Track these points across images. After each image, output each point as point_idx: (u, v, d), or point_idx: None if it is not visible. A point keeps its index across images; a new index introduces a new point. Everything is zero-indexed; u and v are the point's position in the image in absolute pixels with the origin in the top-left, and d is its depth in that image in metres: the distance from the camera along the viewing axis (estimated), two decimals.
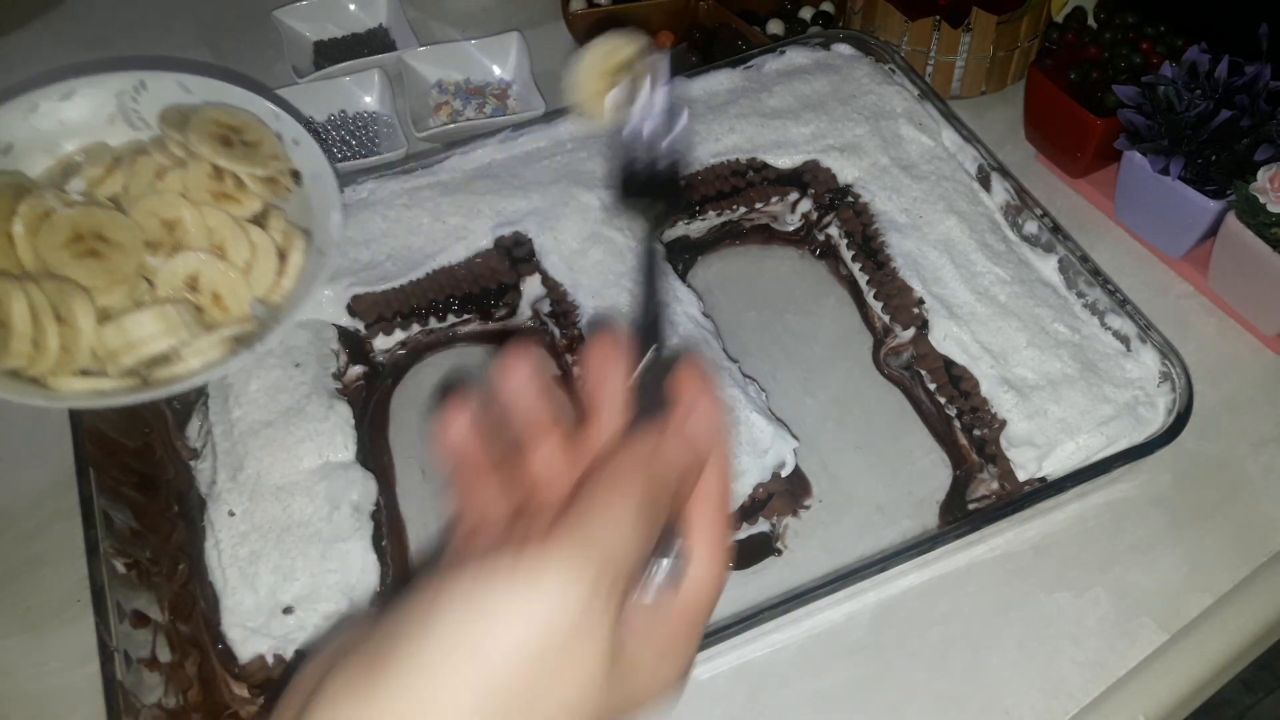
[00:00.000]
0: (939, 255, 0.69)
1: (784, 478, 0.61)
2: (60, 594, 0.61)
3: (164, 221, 0.61)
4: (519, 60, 0.90)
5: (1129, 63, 0.79)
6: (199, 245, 0.62)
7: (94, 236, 0.59)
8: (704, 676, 0.57)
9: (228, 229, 0.62)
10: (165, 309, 0.58)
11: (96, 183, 0.62)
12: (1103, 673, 0.58)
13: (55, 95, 0.63)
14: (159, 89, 0.65)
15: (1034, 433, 0.61)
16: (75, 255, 0.58)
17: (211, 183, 0.63)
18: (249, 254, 0.62)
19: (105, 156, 0.63)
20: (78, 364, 0.57)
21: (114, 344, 0.57)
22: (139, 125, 0.66)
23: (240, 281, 0.62)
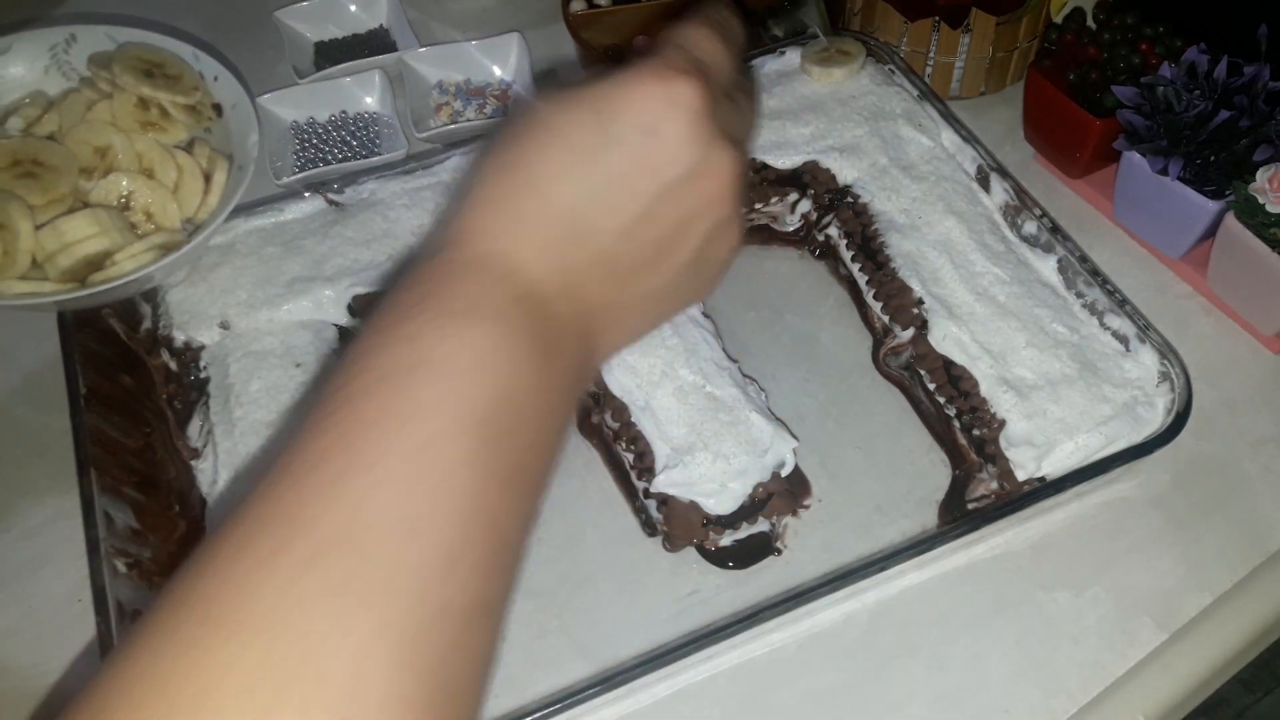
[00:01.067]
0: (938, 255, 0.69)
1: (783, 477, 0.61)
2: (61, 594, 0.61)
3: (96, 148, 0.67)
4: (519, 61, 0.90)
5: (1128, 63, 0.79)
6: (130, 168, 0.67)
7: (31, 161, 0.64)
8: (703, 676, 0.58)
9: (155, 152, 0.68)
10: (97, 211, 0.63)
11: (33, 122, 0.68)
12: (1102, 672, 0.58)
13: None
14: (88, 40, 0.72)
15: (1033, 432, 0.61)
16: (14, 177, 0.63)
17: (138, 112, 0.68)
18: (176, 175, 0.68)
19: (41, 100, 0.70)
20: (18, 268, 0.62)
21: (51, 246, 0.62)
22: (72, 76, 0.72)
23: (169, 199, 0.67)
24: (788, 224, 0.78)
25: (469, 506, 0.32)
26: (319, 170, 0.82)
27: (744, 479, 0.59)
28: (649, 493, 0.61)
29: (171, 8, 1.02)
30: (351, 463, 0.31)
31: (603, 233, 0.38)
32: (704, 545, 0.61)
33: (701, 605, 0.60)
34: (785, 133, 0.76)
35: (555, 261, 0.38)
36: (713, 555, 0.62)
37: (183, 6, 1.02)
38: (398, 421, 0.32)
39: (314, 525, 0.30)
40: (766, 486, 0.60)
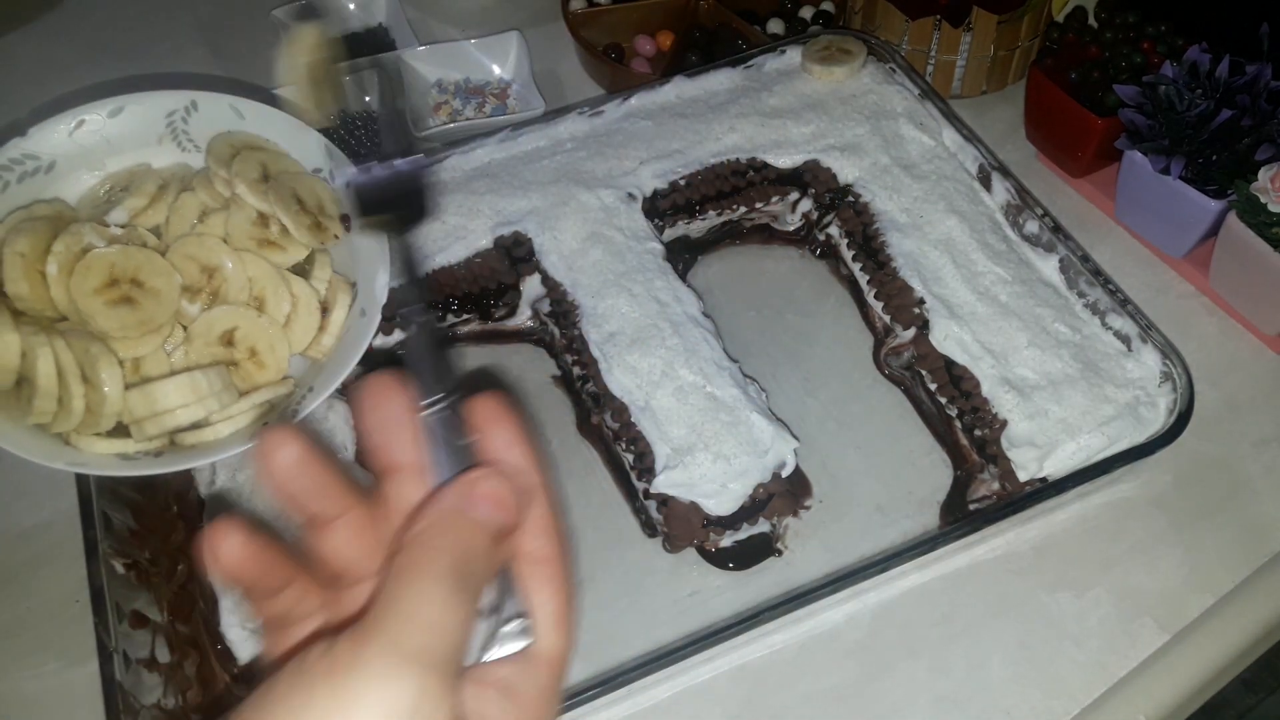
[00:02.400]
0: (939, 255, 0.69)
1: (784, 478, 0.61)
2: (60, 594, 0.61)
3: (203, 267, 0.59)
4: (519, 60, 0.90)
5: (1130, 62, 0.79)
6: (238, 296, 0.59)
7: (129, 281, 0.56)
8: (704, 677, 0.57)
9: (269, 280, 0.59)
10: (195, 377, 0.55)
11: (138, 213, 0.60)
12: (1103, 673, 0.57)
13: (103, 111, 0.61)
14: (210, 111, 0.63)
15: (1035, 433, 0.61)
16: (109, 302, 0.56)
17: (255, 229, 0.60)
18: (290, 307, 0.60)
19: (149, 184, 0.60)
20: (102, 427, 0.55)
21: (140, 411, 0.55)
22: (188, 147, 0.63)
23: (279, 336, 0.59)
24: (788, 223, 0.78)
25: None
26: None
27: (744, 480, 0.59)
28: (649, 493, 0.60)
29: (171, 7, 1.02)
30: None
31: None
32: (704, 546, 0.61)
33: (702, 606, 0.60)
34: (786, 131, 0.76)
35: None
36: (713, 556, 0.61)
37: (182, 6, 1.02)
38: None
39: None
40: (767, 487, 0.60)
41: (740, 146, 0.76)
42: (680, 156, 0.75)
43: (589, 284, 0.67)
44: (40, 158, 0.60)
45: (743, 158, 0.75)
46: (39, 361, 0.53)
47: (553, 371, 0.71)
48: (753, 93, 0.79)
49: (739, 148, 0.75)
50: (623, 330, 0.65)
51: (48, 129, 0.60)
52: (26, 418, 0.53)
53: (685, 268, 0.76)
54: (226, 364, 0.58)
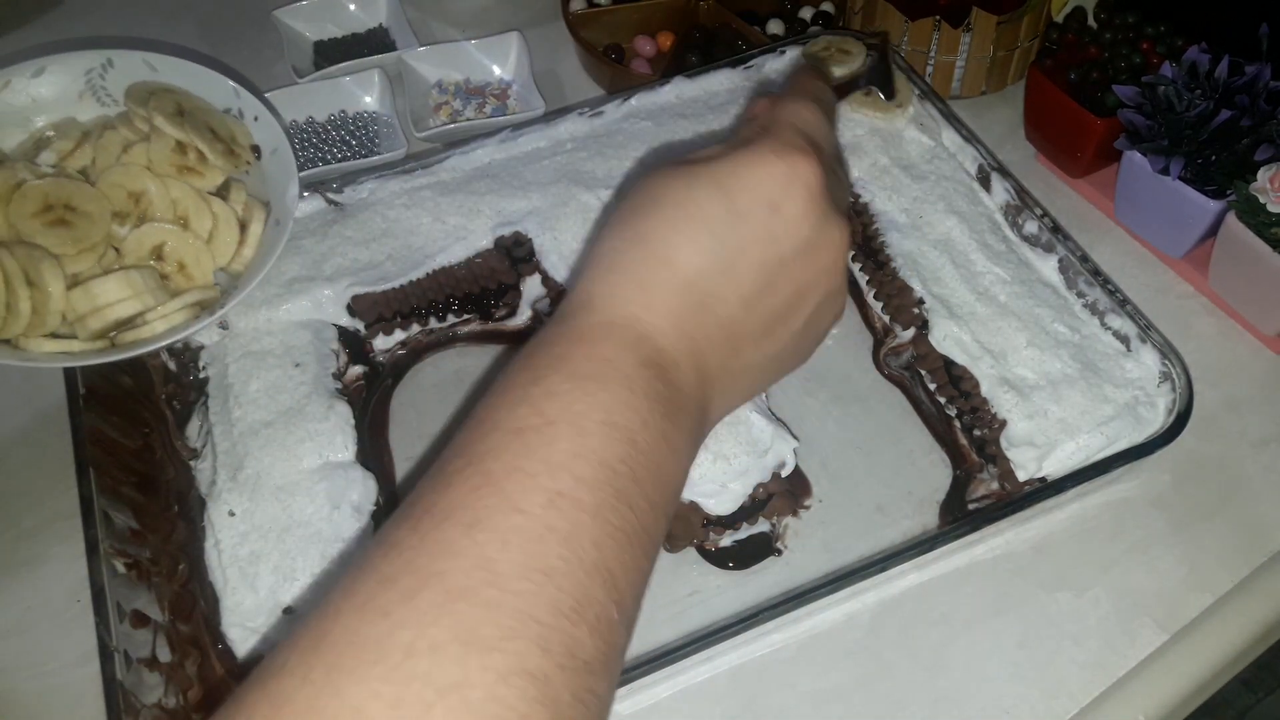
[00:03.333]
0: (939, 255, 0.69)
1: (784, 478, 0.61)
2: (60, 594, 0.61)
3: (130, 193, 0.65)
4: (519, 60, 0.90)
5: (1129, 62, 0.79)
6: (164, 216, 0.65)
7: (63, 206, 0.62)
8: (703, 677, 0.57)
9: (191, 200, 0.65)
10: (130, 274, 0.61)
11: (66, 155, 0.65)
12: (1102, 673, 0.58)
13: (28, 72, 0.67)
14: (125, 66, 0.69)
15: (1034, 433, 0.61)
16: (46, 224, 0.61)
17: (175, 156, 0.66)
18: (211, 224, 0.66)
19: (75, 131, 0.67)
20: (48, 327, 0.60)
21: (82, 308, 0.60)
22: (107, 102, 0.69)
23: (203, 250, 0.65)
24: None
25: (593, 561, 0.32)
26: (318, 170, 0.82)
27: (744, 479, 0.59)
28: None
29: (171, 7, 1.02)
30: (481, 516, 0.32)
31: (726, 302, 0.40)
32: (704, 546, 0.61)
33: (701, 606, 0.60)
34: None
35: (681, 328, 0.39)
36: (713, 556, 0.61)
37: (182, 6, 1.02)
38: (528, 477, 0.33)
39: (444, 576, 0.30)
40: (767, 487, 0.60)
41: None
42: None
43: None
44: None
45: None
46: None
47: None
48: (753, 93, 0.79)
49: None
50: None
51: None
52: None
53: None
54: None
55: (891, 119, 0.77)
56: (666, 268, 0.39)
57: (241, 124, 0.69)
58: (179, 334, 0.61)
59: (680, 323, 0.39)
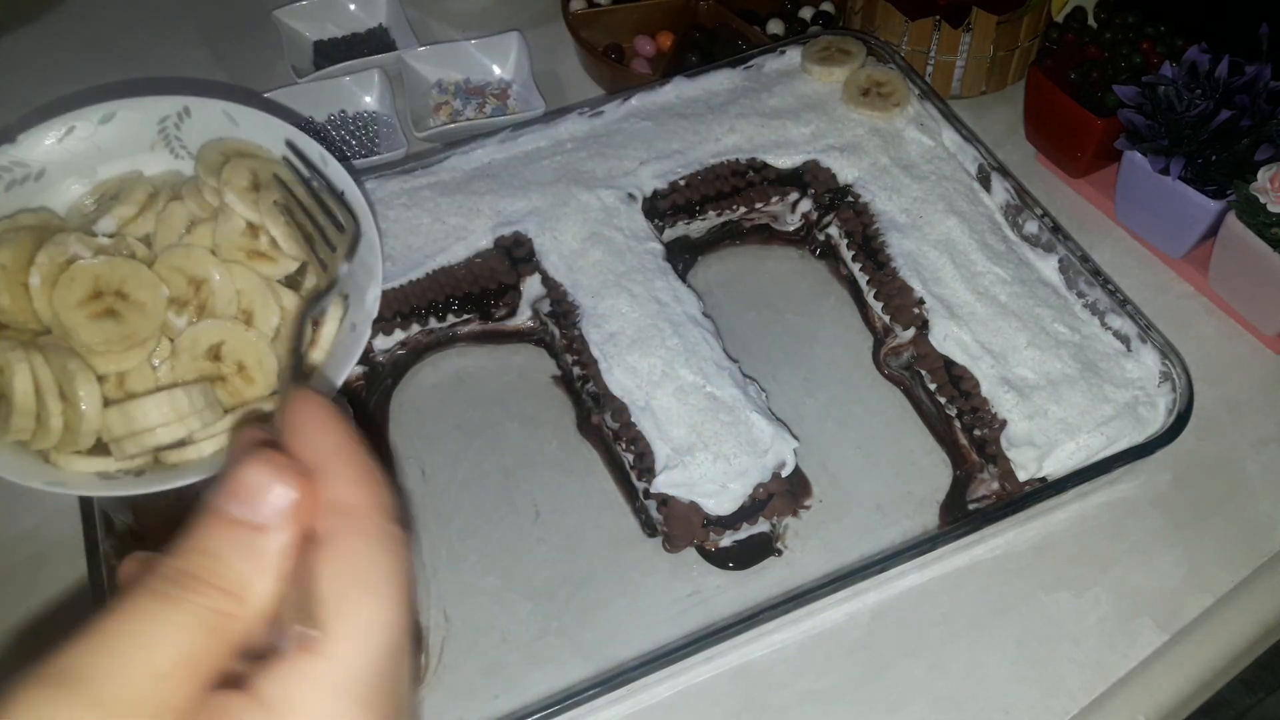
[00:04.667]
0: (939, 255, 0.69)
1: (784, 478, 0.61)
2: (60, 594, 0.61)
3: (190, 279, 0.57)
4: (519, 60, 0.90)
5: (1129, 62, 0.79)
6: (226, 309, 0.57)
7: (115, 294, 0.55)
8: (704, 677, 0.57)
9: (257, 292, 0.58)
10: (175, 394, 0.53)
11: (127, 221, 0.58)
12: (1102, 673, 0.58)
13: (94, 117, 0.59)
14: (203, 117, 0.60)
15: (1034, 433, 0.61)
16: (92, 315, 0.54)
17: (244, 240, 0.58)
18: (279, 320, 0.58)
19: (139, 193, 0.59)
20: (80, 445, 0.53)
21: (118, 430, 0.53)
22: (181, 154, 0.62)
23: (267, 351, 0.57)
24: (788, 223, 0.78)
25: None
26: None
27: (744, 479, 0.59)
28: (649, 493, 0.60)
29: (171, 7, 1.02)
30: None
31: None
32: (704, 546, 0.61)
33: (702, 606, 0.60)
34: (785, 132, 0.76)
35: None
36: (713, 556, 0.61)
37: (182, 6, 1.02)
38: None
39: None
40: (767, 487, 0.60)
41: (740, 147, 0.76)
42: (680, 157, 0.75)
43: (589, 284, 0.68)
44: (29, 165, 0.58)
45: (742, 158, 0.75)
46: (15, 379, 0.51)
47: (553, 371, 0.71)
48: (752, 93, 0.79)
49: (739, 148, 0.76)
50: (623, 330, 0.65)
51: (37, 135, 0.58)
52: (4, 435, 0.52)
53: (685, 268, 0.76)
54: (214, 379, 0.57)
55: (891, 119, 0.77)
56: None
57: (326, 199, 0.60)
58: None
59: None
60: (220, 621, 0.25)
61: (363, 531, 0.27)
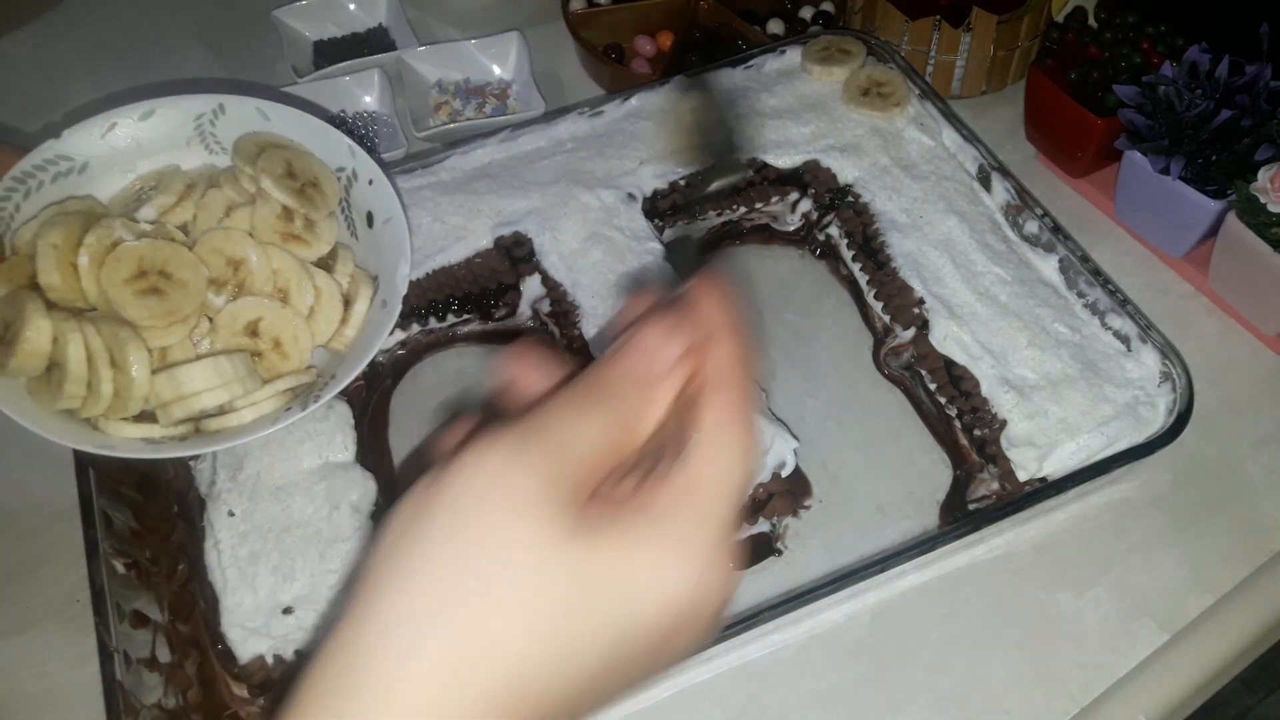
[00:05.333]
0: (939, 255, 0.69)
1: (784, 478, 0.61)
2: (60, 594, 0.61)
3: (229, 260, 0.60)
4: (519, 60, 0.90)
5: (1129, 62, 0.79)
6: (263, 288, 0.60)
7: (158, 273, 0.58)
8: (703, 677, 0.57)
9: (293, 273, 0.61)
10: (219, 361, 0.57)
11: (166, 210, 0.62)
12: (1103, 673, 0.57)
13: (134, 115, 0.63)
14: (237, 114, 0.65)
15: (1034, 433, 0.61)
16: (138, 292, 0.57)
17: (280, 223, 0.62)
18: (313, 299, 0.61)
19: (178, 183, 0.63)
20: (129, 411, 0.56)
21: (166, 395, 0.56)
22: (216, 150, 0.66)
23: (303, 328, 0.61)
24: (788, 223, 0.78)
25: None
26: None
27: None
28: None
29: (172, 7, 1.02)
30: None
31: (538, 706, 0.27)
32: None
33: None
34: (786, 132, 0.76)
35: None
36: None
37: (183, 6, 1.02)
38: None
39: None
40: (767, 487, 0.60)
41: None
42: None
43: (589, 284, 0.67)
44: (73, 159, 0.62)
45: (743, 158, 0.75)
46: (69, 346, 0.55)
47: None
48: (752, 93, 0.79)
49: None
50: None
51: (81, 131, 0.62)
52: (56, 402, 0.55)
53: None
54: (251, 354, 0.60)
55: (891, 119, 0.77)
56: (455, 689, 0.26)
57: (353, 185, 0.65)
58: (268, 426, 0.56)
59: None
60: (620, 440, 0.30)
61: (740, 396, 0.31)
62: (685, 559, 0.29)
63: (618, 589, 0.28)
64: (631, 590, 0.28)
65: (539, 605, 0.27)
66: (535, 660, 0.27)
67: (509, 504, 0.27)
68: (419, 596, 0.26)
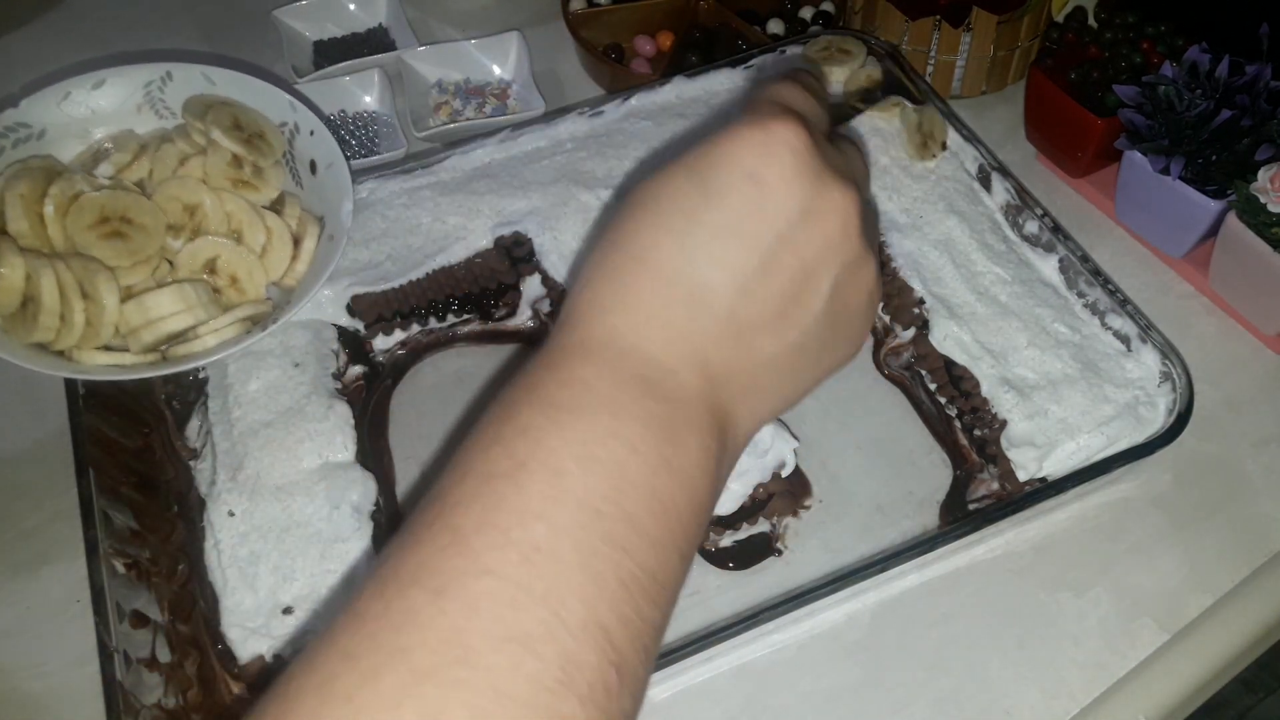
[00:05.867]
0: (939, 255, 0.69)
1: (784, 478, 0.61)
2: (60, 594, 0.61)
3: (185, 206, 0.65)
4: (519, 60, 0.90)
5: (1129, 62, 0.79)
6: (218, 230, 0.65)
7: (119, 219, 0.62)
8: (703, 677, 0.57)
9: (245, 214, 0.65)
10: (184, 288, 0.61)
11: (123, 167, 0.66)
12: (1103, 673, 0.57)
13: (87, 84, 0.68)
14: (184, 79, 0.69)
15: (1034, 433, 0.61)
16: (101, 236, 0.61)
17: (231, 170, 0.66)
18: (265, 239, 0.66)
19: (132, 143, 0.67)
20: (101, 339, 0.60)
21: (135, 321, 0.60)
22: (165, 115, 0.70)
23: (256, 265, 0.65)
24: None
25: (580, 621, 0.29)
26: None
27: (744, 479, 0.59)
28: None
29: (171, 7, 1.02)
30: (448, 581, 0.29)
31: (719, 292, 0.35)
32: (704, 545, 0.61)
33: (701, 606, 0.60)
34: None
35: (672, 330, 0.35)
36: (713, 555, 0.61)
37: (182, 5, 1.02)
38: (498, 531, 0.29)
39: (409, 653, 0.27)
40: (767, 487, 0.60)
41: None
42: None
43: None
44: (32, 126, 0.67)
45: None
46: (43, 280, 0.58)
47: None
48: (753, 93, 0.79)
49: None
50: None
51: (38, 100, 0.67)
52: (31, 334, 0.59)
53: None
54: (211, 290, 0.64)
55: (891, 119, 0.77)
56: (644, 267, 0.36)
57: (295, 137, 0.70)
58: (230, 348, 0.60)
59: (669, 324, 0.35)
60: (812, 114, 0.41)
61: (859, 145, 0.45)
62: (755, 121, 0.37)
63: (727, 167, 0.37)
64: (736, 161, 0.37)
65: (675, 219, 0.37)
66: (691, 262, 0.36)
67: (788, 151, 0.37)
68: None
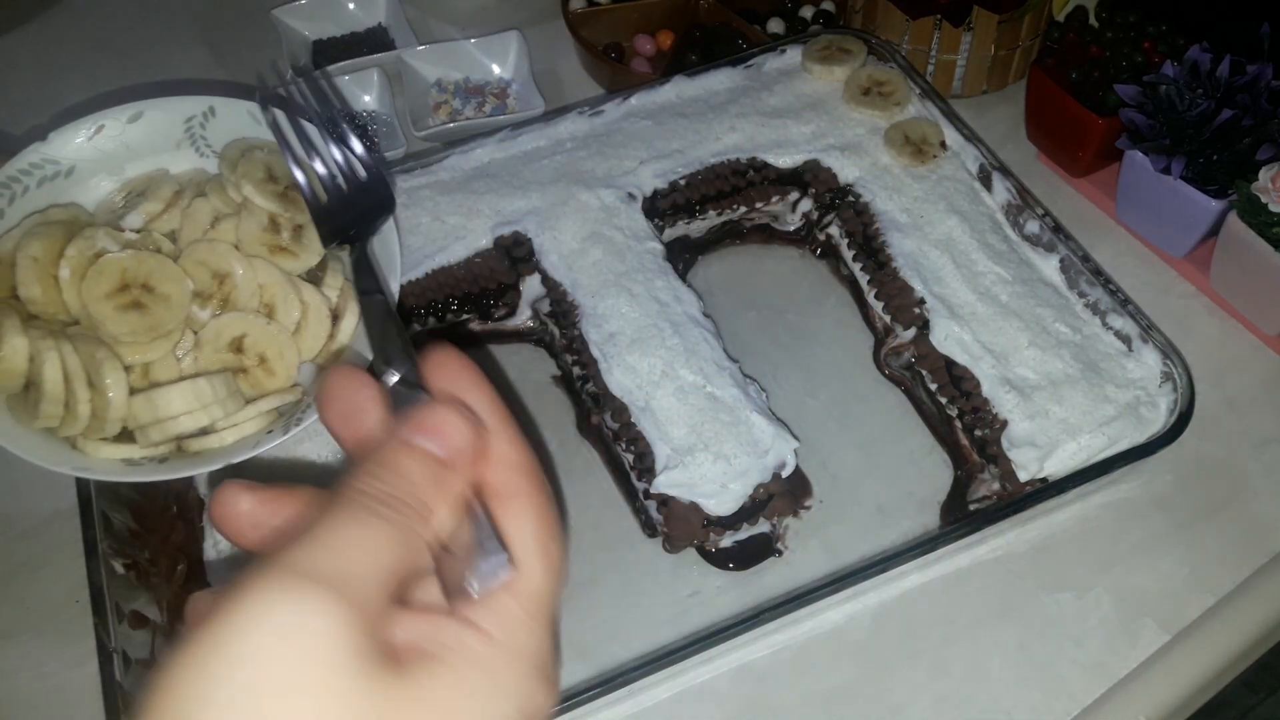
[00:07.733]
0: (940, 255, 0.69)
1: (784, 478, 0.61)
2: (59, 594, 0.61)
3: (214, 273, 0.59)
4: (519, 59, 0.90)
5: (1130, 62, 0.79)
6: (248, 303, 0.59)
7: (140, 286, 0.57)
8: (704, 677, 0.57)
9: (278, 287, 0.59)
10: (198, 383, 0.55)
11: (154, 218, 0.60)
12: (1104, 674, 0.57)
13: (123, 117, 0.62)
14: (228, 116, 0.63)
15: (1035, 433, 0.61)
16: (118, 307, 0.56)
17: (267, 235, 0.60)
18: (299, 314, 0.59)
19: (165, 189, 0.61)
20: (107, 432, 0.55)
21: (144, 417, 0.55)
22: (206, 153, 0.64)
23: (288, 343, 0.59)
24: (788, 223, 0.78)
25: None
26: None
27: (745, 480, 0.59)
28: (649, 494, 0.60)
29: (171, 6, 1.02)
30: None
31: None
32: (704, 546, 0.61)
33: (702, 606, 0.60)
34: (786, 131, 0.76)
35: None
36: (713, 556, 0.61)
37: (182, 5, 1.02)
38: None
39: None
40: (767, 487, 0.60)
41: (740, 146, 0.75)
42: (680, 156, 0.75)
43: (589, 284, 0.67)
44: (60, 162, 0.61)
45: (743, 157, 0.75)
46: (45, 366, 0.53)
47: (553, 371, 0.71)
48: (753, 92, 0.79)
49: (739, 147, 0.75)
50: (623, 330, 0.65)
51: (68, 134, 0.61)
52: (34, 421, 0.54)
53: (685, 268, 0.76)
54: (236, 370, 0.58)
55: (892, 118, 0.77)
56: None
57: None
58: (250, 449, 0.55)
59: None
60: (412, 540, 0.26)
61: (539, 488, 0.30)
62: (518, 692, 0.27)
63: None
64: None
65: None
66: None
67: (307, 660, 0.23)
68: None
